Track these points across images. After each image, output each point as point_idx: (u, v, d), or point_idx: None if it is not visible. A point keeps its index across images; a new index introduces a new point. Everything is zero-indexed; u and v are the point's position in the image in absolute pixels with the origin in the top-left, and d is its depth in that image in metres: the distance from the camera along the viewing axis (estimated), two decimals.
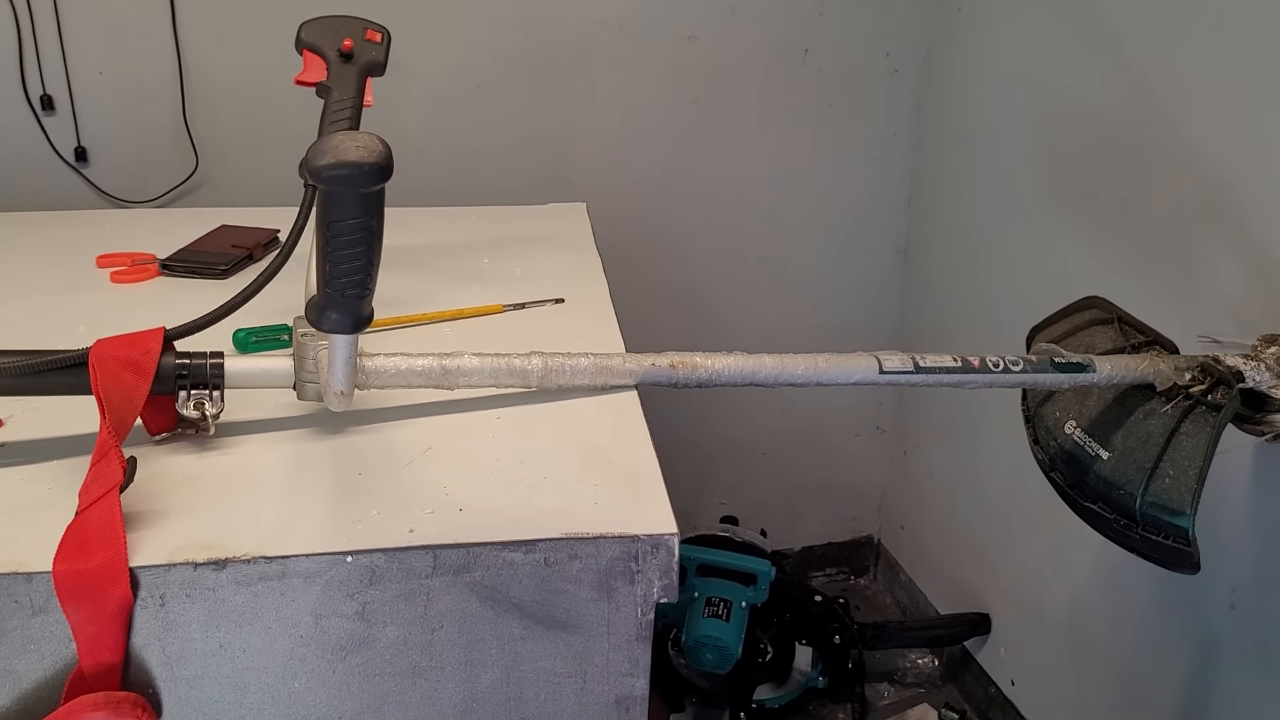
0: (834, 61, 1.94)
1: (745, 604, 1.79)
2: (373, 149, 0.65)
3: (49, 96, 1.74)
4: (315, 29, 1.07)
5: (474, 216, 1.50)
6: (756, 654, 1.86)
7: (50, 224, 1.45)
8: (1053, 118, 1.60)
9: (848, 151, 2.01)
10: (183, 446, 0.82)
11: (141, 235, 1.34)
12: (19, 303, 1.13)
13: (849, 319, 2.14)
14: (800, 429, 2.22)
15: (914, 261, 2.08)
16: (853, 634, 1.91)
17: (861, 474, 2.31)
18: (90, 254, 1.27)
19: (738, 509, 2.18)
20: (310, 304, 0.75)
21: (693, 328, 2.06)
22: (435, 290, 1.18)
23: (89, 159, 1.78)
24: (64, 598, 0.66)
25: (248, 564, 0.68)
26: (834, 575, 2.38)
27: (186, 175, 1.80)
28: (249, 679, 0.71)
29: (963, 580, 2.00)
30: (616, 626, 0.73)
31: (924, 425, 2.13)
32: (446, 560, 0.70)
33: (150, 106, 1.77)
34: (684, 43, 1.88)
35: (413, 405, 0.90)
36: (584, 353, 0.92)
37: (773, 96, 1.94)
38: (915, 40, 1.94)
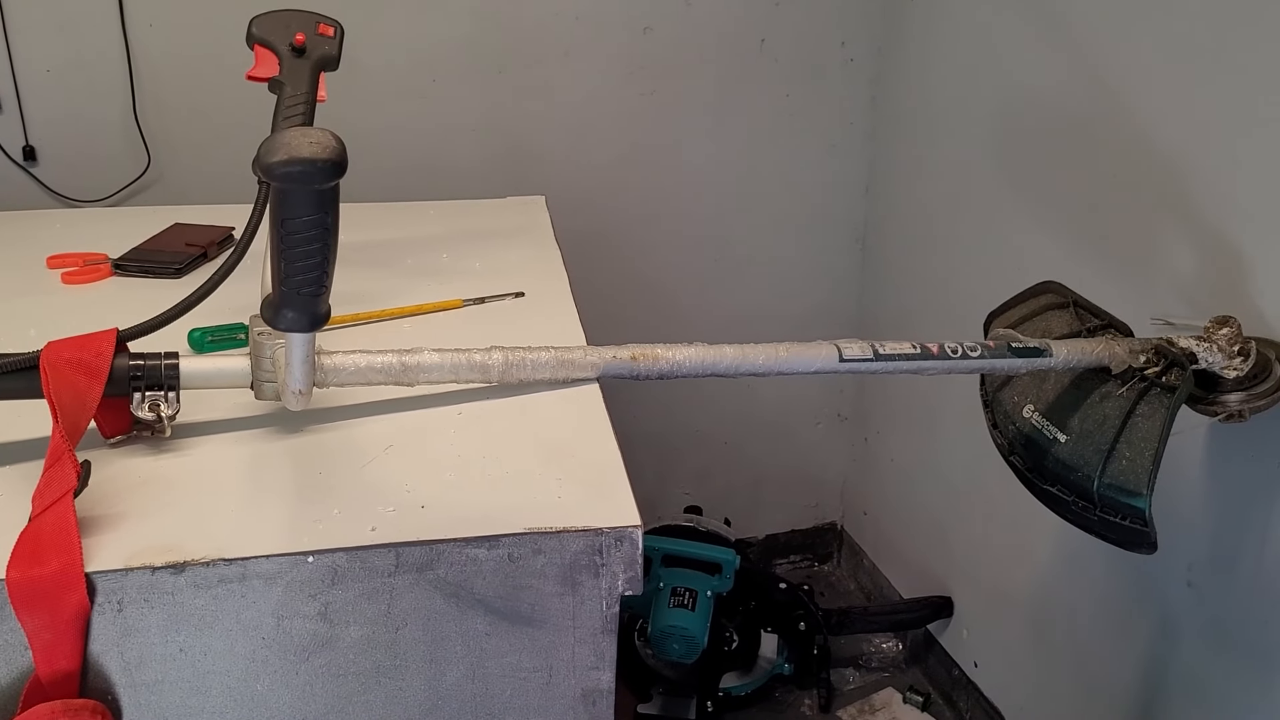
0: (790, 51, 1.94)
1: (710, 593, 1.80)
2: (326, 145, 0.64)
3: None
4: (267, 23, 1.06)
5: (432, 211, 1.49)
6: (722, 643, 1.87)
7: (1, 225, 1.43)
8: (1008, 105, 1.62)
9: (805, 141, 2.02)
10: (139, 449, 0.81)
11: (93, 235, 1.32)
12: None
13: (809, 308, 2.15)
14: (763, 418, 2.23)
15: (872, 250, 2.10)
16: (817, 620, 1.92)
17: (824, 461, 2.32)
18: (40, 255, 1.25)
19: (701, 499, 2.19)
20: (266, 302, 0.74)
21: (654, 319, 2.07)
22: (394, 286, 1.17)
23: (38, 158, 1.75)
24: (18, 605, 0.65)
25: (207, 567, 0.67)
26: (798, 562, 2.40)
27: (138, 173, 1.77)
28: (210, 682, 0.70)
29: (925, 564, 2.02)
30: (582, 620, 0.73)
31: (885, 412, 2.15)
32: (409, 558, 0.70)
33: (100, 104, 1.74)
34: (640, 34, 1.88)
35: (373, 403, 0.89)
36: (545, 346, 0.92)
37: (730, 87, 1.95)
38: (871, 30, 1.95)
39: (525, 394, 0.91)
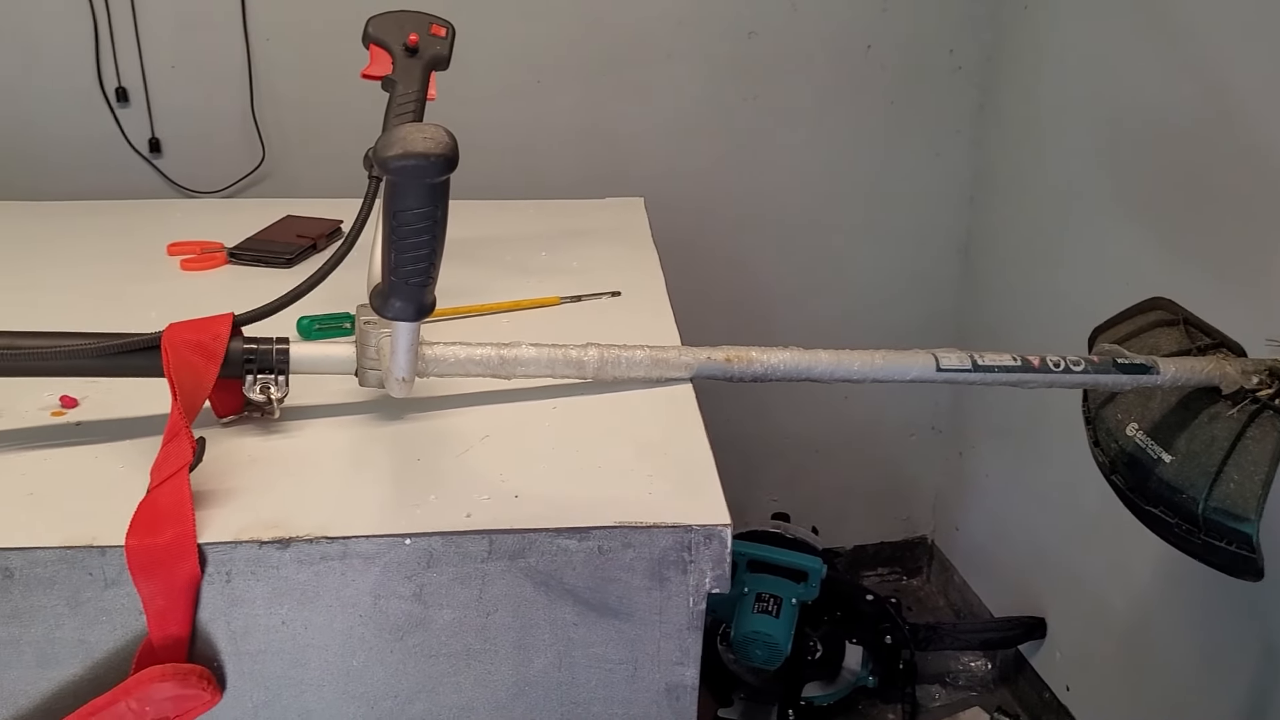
0: (897, 58, 1.92)
1: (795, 601, 1.79)
2: (439, 140, 0.66)
3: (124, 89, 1.78)
4: (382, 24, 1.09)
5: (532, 210, 1.51)
6: (806, 651, 1.86)
7: (124, 213, 1.49)
8: (1120, 114, 1.58)
9: (908, 149, 1.99)
10: (249, 429, 0.84)
11: (210, 225, 1.37)
12: (94, 288, 1.17)
13: (906, 317, 2.12)
14: (854, 426, 2.21)
15: (974, 261, 2.06)
16: (904, 634, 1.90)
17: (916, 473, 2.29)
18: (162, 242, 1.30)
19: (789, 505, 2.18)
20: (375, 291, 0.76)
21: (747, 323, 2.06)
22: (493, 282, 1.19)
23: (161, 150, 1.83)
24: (135, 571, 0.68)
25: (310, 544, 0.70)
26: (886, 575, 2.37)
27: (254, 166, 1.84)
28: (309, 655, 0.73)
29: (1018, 583, 1.97)
30: (668, 615, 0.74)
31: (981, 426, 2.11)
32: (502, 545, 0.71)
33: (220, 99, 1.81)
34: (744, 38, 1.88)
35: (470, 394, 0.91)
36: (640, 345, 0.93)
37: (833, 93, 1.94)
38: (980, 37, 1.92)
39: (619, 391, 0.92)
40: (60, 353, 0.79)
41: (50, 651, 0.71)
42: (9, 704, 0.72)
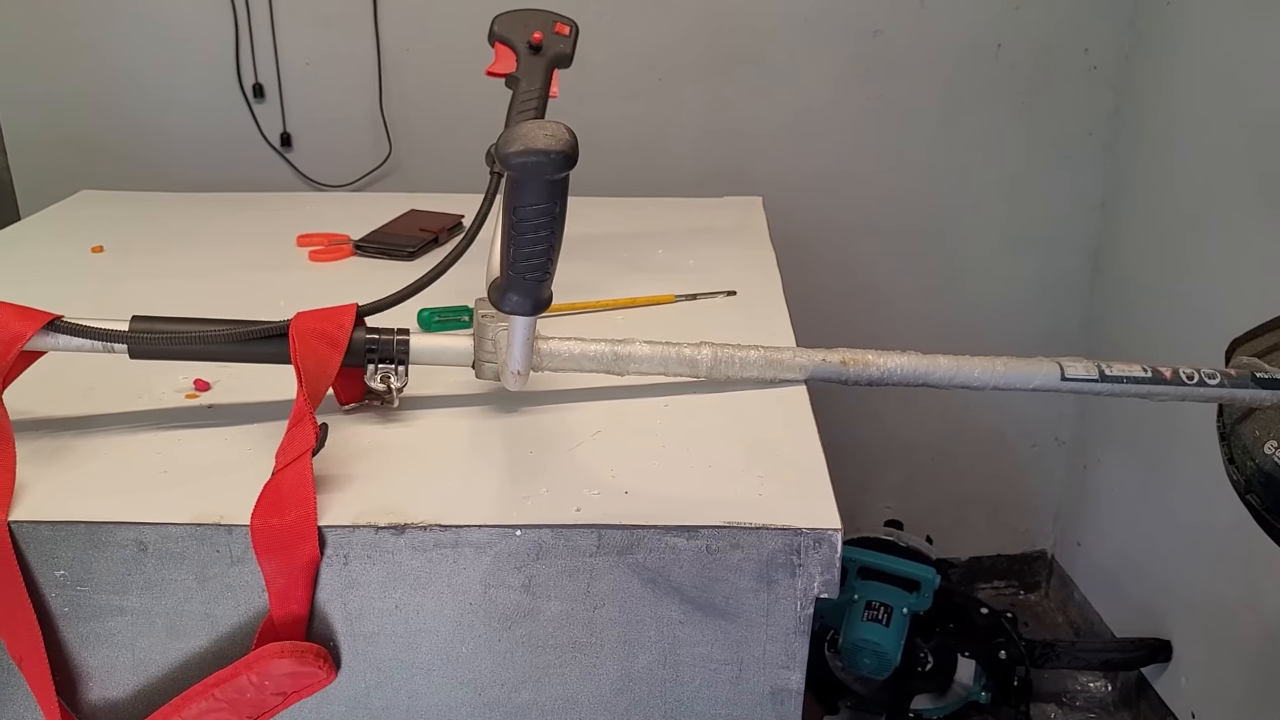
0: (1028, 58, 1.87)
1: (907, 610, 1.75)
2: (560, 137, 0.67)
3: (260, 85, 1.86)
4: (508, 22, 1.11)
5: (650, 208, 1.52)
6: (916, 663, 1.82)
7: (256, 205, 1.55)
8: (1264, 116, 1.50)
9: (1038, 151, 1.94)
10: (369, 417, 0.87)
11: (337, 217, 1.41)
12: (227, 277, 1.22)
13: (1030, 324, 2.06)
14: (973, 435, 2.16)
15: (1105, 268, 1.99)
16: (1020, 650, 1.84)
17: (1037, 485, 2.22)
18: (291, 234, 1.35)
19: (903, 513, 2.14)
20: (493, 286, 0.78)
21: (865, 325, 2.03)
22: (609, 279, 1.20)
23: (293, 144, 1.90)
24: (259, 550, 0.71)
25: (425, 531, 0.71)
26: (1002, 588, 2.30)
27: (380, 162, 1.89)
28: (421, 640, 0.74)
29: (1142, 603, 1.90)
30: (775, 618, 0.73)
31: (1107, 438, 2.03)
32: (610, 540, 0.71)
33: (350, 96, 1.87)
34: (870, 37, 1.85)
35: (583, 389, 0.92)
36: (754, 345, 0.92)
37: (960, 93, 1.89)
38: (1118, 36, 1.85)
39: (732, 391, 0.91)
40: (195, 338, 0.82)
41: (179, 623, 0.74)
42: (141, 671, 0.75)
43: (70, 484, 0.76)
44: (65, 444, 0.81)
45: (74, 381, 0.91)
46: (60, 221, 1.44)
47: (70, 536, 0.71)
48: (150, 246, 1.33)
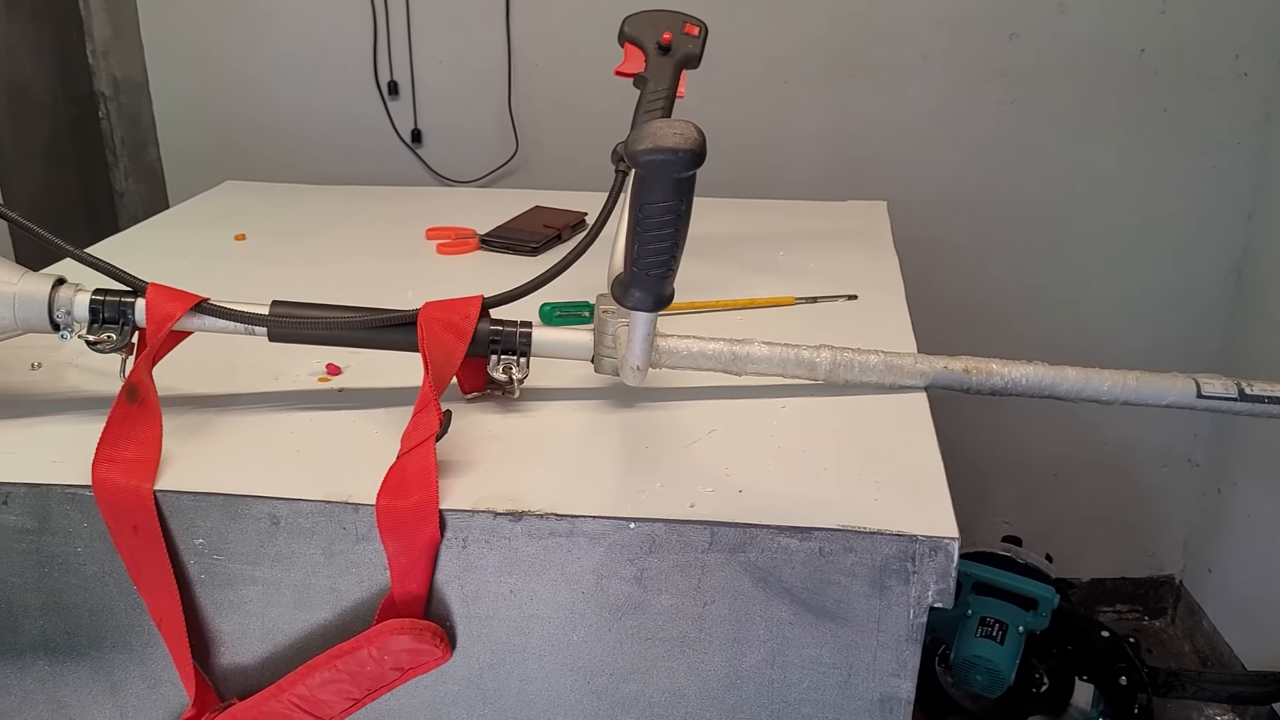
0: (1173, 63, 1.80)
1: (1022, 629, 1.70)
2: (688, 136, 0.67)
3: (395, 83, 1.91)
4: (638, 22, 1.12)
5: (773, 210, 1.51)
6: (1031, 683, 1.77)
7: (388, 198, 1.60)
8: None
9: (1181, 160, 1.86)
10: (490, 406, 0.89)
11: (464, 212, 1.45)
12: (359, 267, 1.26)
13: (1165, 338, 1.98)
14: (1099, 452, 2.09)
15: (1250, 283, 1.90)
16: (1142, 677, 1.77)
17: (1166, 507, 2.13)
18: (420, 227, 1.39)
19: (1022, 530, 2.08)
20: (616, 281, 0.79)
21: (989, 334, 1.99)
22: (729, 279, 1.20)
23: (424, 141, 1.95)
24: (383, 529, 0.73)
25: (541, 519, 0.72)
26: (1125, 613, 2.22)
27: (507, 158, 1.93)
28: (533, 625, 0.76)
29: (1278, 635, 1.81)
30: (887, 625, 0.72)
31: (1245, 461, 1.94)
32: (723, 538, 0.72)
33: (480, 94, 1.91)
34: (1005, 40, 1.81)
35: (700, 387, 0.92)
36: (874, 350, 0.91)
37: (1099, 99, 1.83)
38: (1271, 42, 1.77)
39: (850, 395, 0.91)
40: (330, 323, 0.86)
41: (306, 595, 0.77)
42: (269, 639, 0.79)
43: (211, 458, 0.80)
44: (207, 420, 0.86)
45: (216, 361, 0.96)
46: (206, 210, 1.52)
47: (209, 507, 0.75)
48: (288, 235, 1.39)
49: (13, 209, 0.87)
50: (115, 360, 0.85)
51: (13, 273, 0.83)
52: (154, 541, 0.75)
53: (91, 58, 2.00)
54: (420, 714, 0.80)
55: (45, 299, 0.83)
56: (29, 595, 0.79)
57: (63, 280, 0.84)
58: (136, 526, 0.75)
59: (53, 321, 0.83)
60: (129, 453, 0.77)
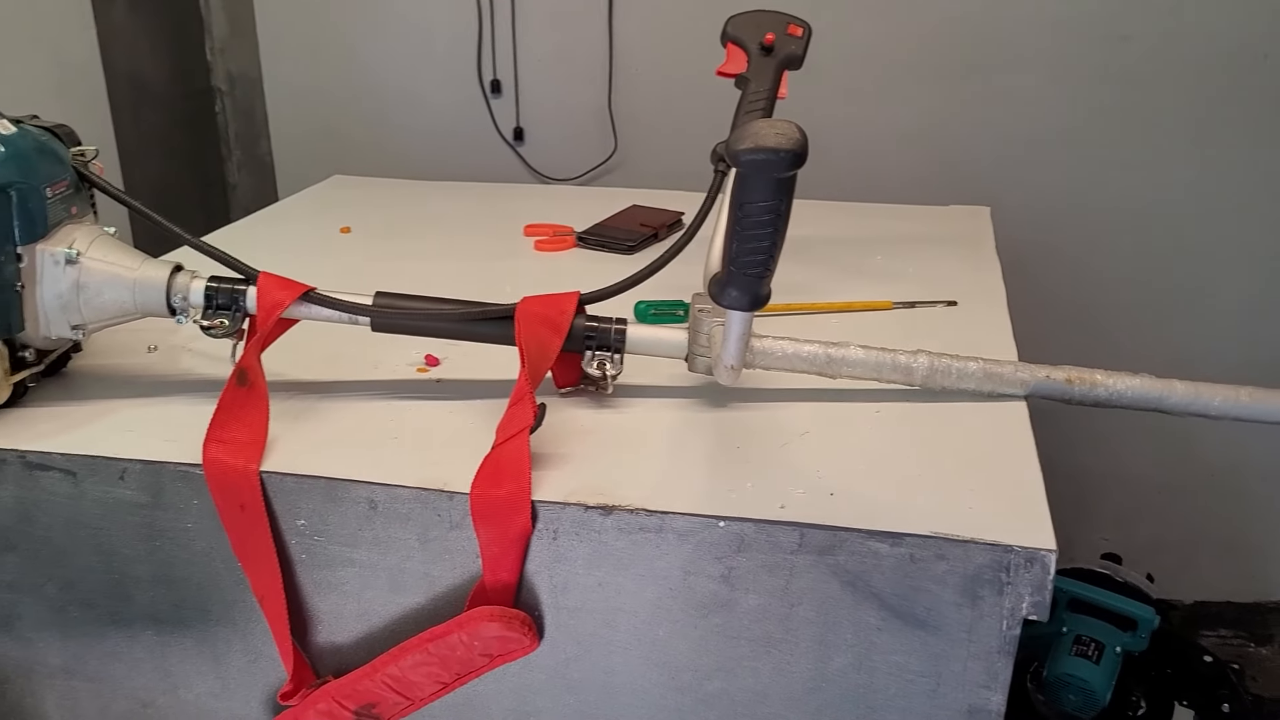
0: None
1: (1119, 650, 1.66)
2: (790, 136, 0.67)
3: (498, 81, 1.95)
4: (741, 23, 1.12)
5: (872, 213, 1.50)
6: (1127, 706, 1.72)
7: (488, 195, 1.63)
8: None
9: None
10: (583, 401, 0.90)
11: (562, 209, 1.47)
12: (458, 261, 1.28)
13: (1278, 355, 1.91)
14: (1206, 469, 2.01)
15: None
16: (1247, 706, 1.71)
17: (1276, 529, 2.05)
18: (519, 224, 1.41)
19: (1122, 547, 2.02)
20: (713, 280, 0.79)
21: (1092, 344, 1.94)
22: (825, 282, 1.19)
23: (524, 138, 1.98)
24: (476, 518, 0.75)
25: (631, 514, 0.73)
26: (1229, 638, 2.14)
27: (605, 157, 1.94)
28: (620, 619, 0.76)
29: None
30: (978, 635, 0.71)
31: None
32: (812, 540, 0.71)
33: (581, 93, 1.93)
34: (1118, 42, 1.76)
35: (793, 389, 0.92)
36: (973, 356, 0.90)
37: (1217, 106, 1.77)
38: None
39: (946, 402, 0.89)
40: (431, 315, 0.88)
41: (400, 580, 0.79)
42: (364, 620, 0.81)
43: (314, 442, 0.82)
44: (311, 405, 0.88)
45: (320, 349, 0.98)
46: (314, 203, 1.56)
47: (311, 489, 0.78)
48: (391, 229, 1.42)
49: (133, 198, 0.91)
50: (227, 345, 0.89)
51: (134, 259, 0.87)
52: (259, 520, 0.78)
53: (209, 54, 2.07)
54: (506, 701, 0.81)
55: (164, 285, 0.86)
56: (141, 567, 0.83)
57: (180, 267, 0.88)
58: (243, 505, 0.78)
59: (170, 306, 0.87)
60: (238, 434, 0.80)
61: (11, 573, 0.85)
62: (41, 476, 0.81)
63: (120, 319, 0.88)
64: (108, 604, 0.85)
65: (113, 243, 0.88)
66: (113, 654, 0.87)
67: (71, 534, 0.83)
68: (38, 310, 0.85)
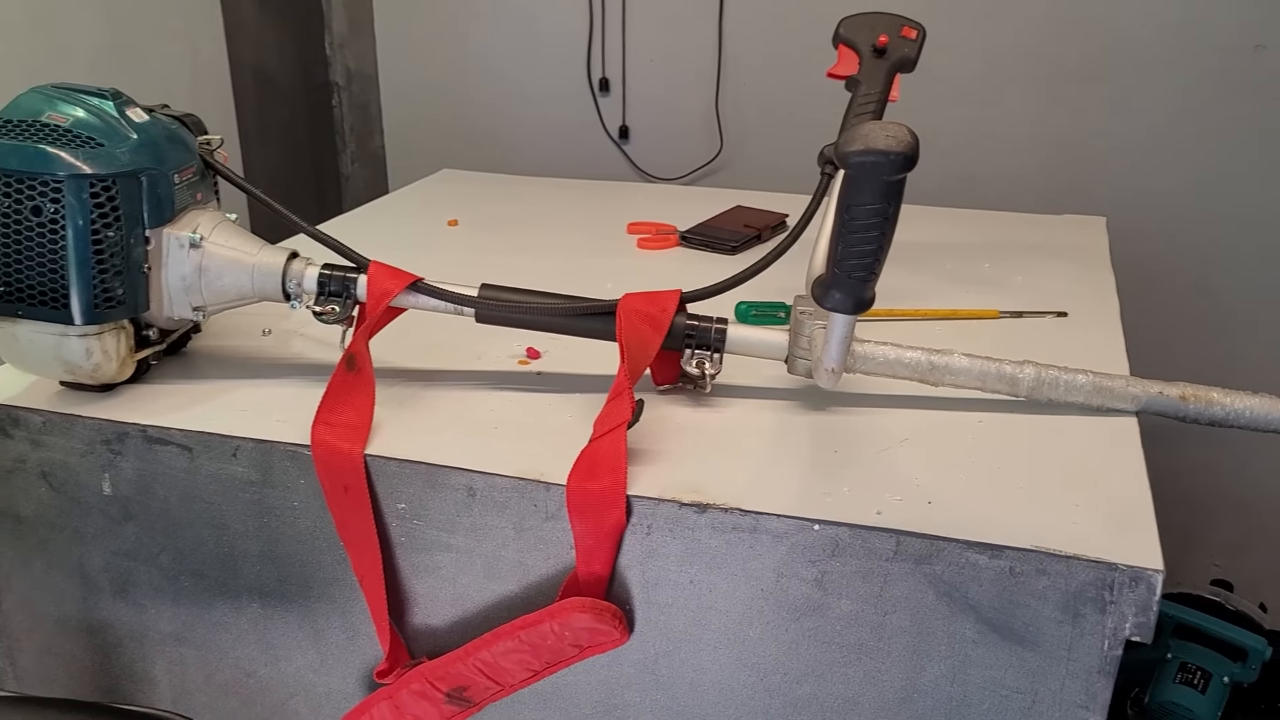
0: None
1: (1228, 680, 1.59)
2: (901, 139, 0.67)
3: (606, 80, 1.96)
4: (854, 24, 1.11)
5: (981, 220, 1.47)
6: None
7: (593, 192, 1.64)
8: None
9: None
10: (680, 399, 0.90)
11: (666, 208, 1.47)
12: (561, 256, 1.30)
13: None
14: None
15: None
16: None
17: None
18: (622, 221, 1.42)
19: (1234, 574, 1.94)
20: (816, 282, 0.79)
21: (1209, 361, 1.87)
22: (931, 288, 1.17)
23: (630, 137, 1.99)
24: (572, 510, 0.75)
25: (725, 513, 0.73)
26: None
27: (710, 157, 1.94)
28: (710, 618, 0.76)
29: None
30: (1078, 654, 0.69)
31: None
32: (909, 548, 0.70)
33: (688, 93, 1.93)
34: (1249, 52, 1.69)
35: (893, 395, 0.91)
36: (1082, 369, 0.87)
37: None
38: None
39: (1052, 414, 0.87)
40: (534, 309, 0.89)
41: (495, 567, 0.80)
42: (459, 604, 0.83)
43: (416, 428, 0.84)
44: (414, 393, 0.91)
45: (425, 338, 1.01)
46: (423, 196, 1.60)
47: (413, 474, 0.80)
48: (497, 223, 1.45)
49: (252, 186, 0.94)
50: (336, 331, 0.91)
51: (253, 244, 0.90)
52: (361, 502, 0.80)
53: (329, 49, 2.14)
54: (594, 693, 0.82)
55: (280, 270, 0.89)
56: (249, 542, 0.86)
57: (296, 254, 0.91)
58: (347, 487, 0.80)
59: (285, 292, 0.90)
60: (344, 418, 0.82)
61: (130, 541, 0.89)
62: (160, 450, 0.85)
63: (238, 302, 0.91)
64: (217, 575, 0.89)
65: (234, 228, 0.91)
66: (219, 624, 0.91)
67: (186, 507, 0.86)
68: (162, 291, 0.89)
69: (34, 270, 0.82)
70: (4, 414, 0.88)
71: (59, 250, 0.82)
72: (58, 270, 0.82)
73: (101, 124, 0.83)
